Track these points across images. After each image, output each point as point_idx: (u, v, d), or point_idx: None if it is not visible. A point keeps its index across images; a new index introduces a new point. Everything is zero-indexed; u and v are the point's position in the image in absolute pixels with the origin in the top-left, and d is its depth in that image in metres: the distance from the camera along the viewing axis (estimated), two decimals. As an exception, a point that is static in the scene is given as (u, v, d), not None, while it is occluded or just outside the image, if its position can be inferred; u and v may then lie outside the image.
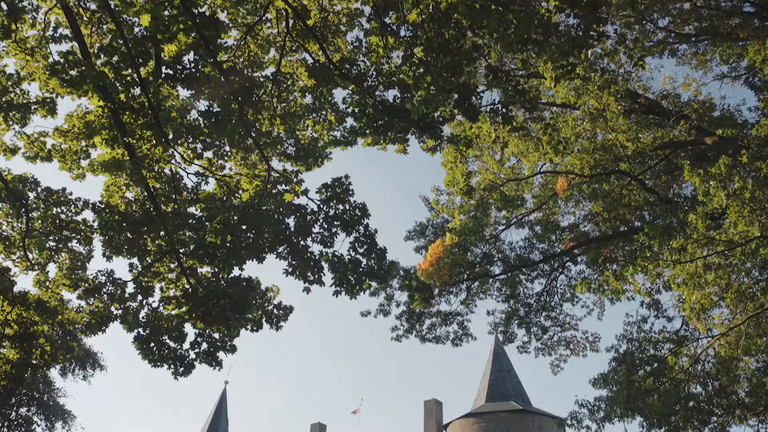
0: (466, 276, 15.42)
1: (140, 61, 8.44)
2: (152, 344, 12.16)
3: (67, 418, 21.01)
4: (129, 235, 11.21)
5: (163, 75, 8.61)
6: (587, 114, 13.37)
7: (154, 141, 9.43)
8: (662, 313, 13.49)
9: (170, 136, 9.41)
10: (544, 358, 18.23)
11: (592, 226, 16.01)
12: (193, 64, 8.31)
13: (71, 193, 12.00)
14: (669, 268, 8.71)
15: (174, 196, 11.47)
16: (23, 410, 20.52)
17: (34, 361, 11.86)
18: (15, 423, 20.19)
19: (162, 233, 10.98)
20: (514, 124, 10.39)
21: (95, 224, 11.08)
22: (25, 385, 19.99)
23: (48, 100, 11.08)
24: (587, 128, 13.25)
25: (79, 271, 12.84)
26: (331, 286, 8.85)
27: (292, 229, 9.68)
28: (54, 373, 21.15)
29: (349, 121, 11.85)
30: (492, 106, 10.30)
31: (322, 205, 8.76)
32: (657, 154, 15.57)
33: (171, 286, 12.11)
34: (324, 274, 8.91)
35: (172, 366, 12.35)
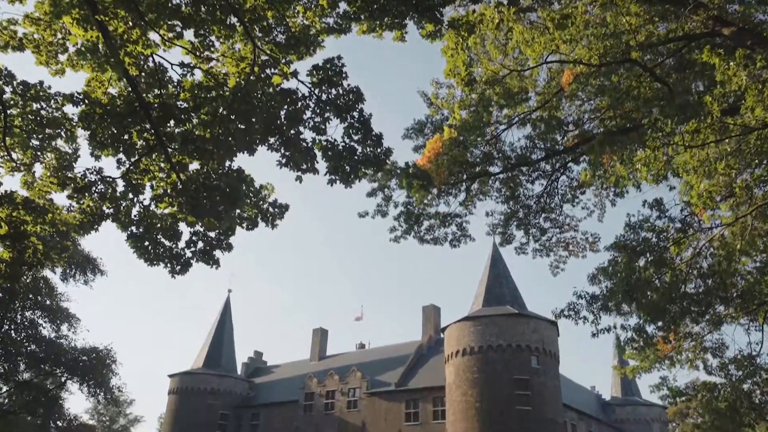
0: (465, 175, 15.05)
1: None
2: (147, 243, 12.04)
3: (71, 320, 21.49)
4: (113, 129, 10.75)
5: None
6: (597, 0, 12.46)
7: (130, 22, 8.72)
8: (665, 213, 13.26)
9: (147, 17, 8.68)
10: (542, 259, 18.17)
11: (598, 124, 15.44)
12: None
13: (50, 87, 11.37)
14: (679, 154, 8.28)
15: (160, 91, 10.90)
16: (28, 314, 21.02)
17: (27, 260, 11.74)
18: (21, 326, 20.73)
19: (148, 126, 10.53)
20: (521, 4, 9.59)
21: (76, 118, 10.57)
22: (26, 288, 20.30)
23: (13, -18, 10.18)
24: (597, 14, 12.38)
25: (67, 171, 12.48)
26: (325, 174, 8.51)
27: (284, 119, 9.20)
28: (56, 279, 21.47)
29: (343, 6, 11.03)
30: (496, -17, 9.49)
31: (313, 89, 8.20)
32: (669, 49, 14.73)
33: (162, 184, 11.81)
34: (317, 162, 8.54)
35: (168, 264, 12.30)
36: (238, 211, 12.15)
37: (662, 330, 12.62)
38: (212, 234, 12.40)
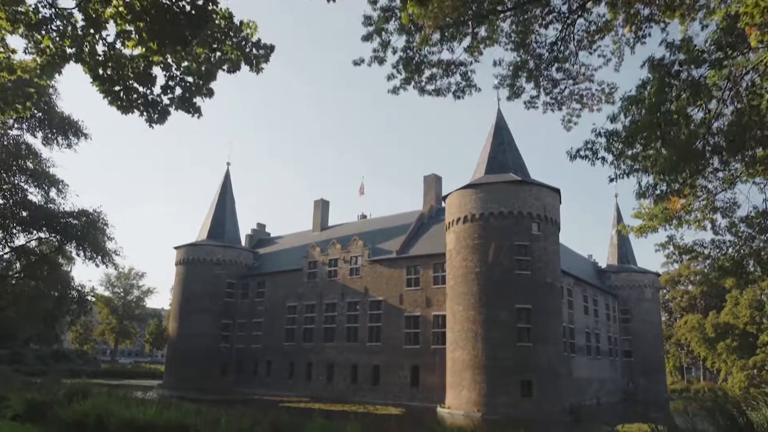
0: (472, 11, 13.39)
1: None
2: (118, 88, 10.95)
3: (59, 185, 20.81)
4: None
5: None
6: None
7: None
8: (694, 50, 11.77)
9: None
10: (552, 113, 16.91)
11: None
12: None
13: None
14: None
15: None
16: (14, 179, 20.28)
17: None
18: (9, 192, 20.12)
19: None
20: None
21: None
22: (8, 153, 19.42)
23: None
24: None
25: (17, 6, 11.04)
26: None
27: None
28: (38, 144, 20.48)
29: None
30: None
31: None
32: None
33: (125, 16, 10.45)
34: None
35: (144, 113, 11.30)
36: (218, 54, 11.01)
37: (679, 182, 11.74)
38: (190, 79, 11.34)
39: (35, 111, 19.05)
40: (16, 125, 18.54)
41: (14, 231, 20.30)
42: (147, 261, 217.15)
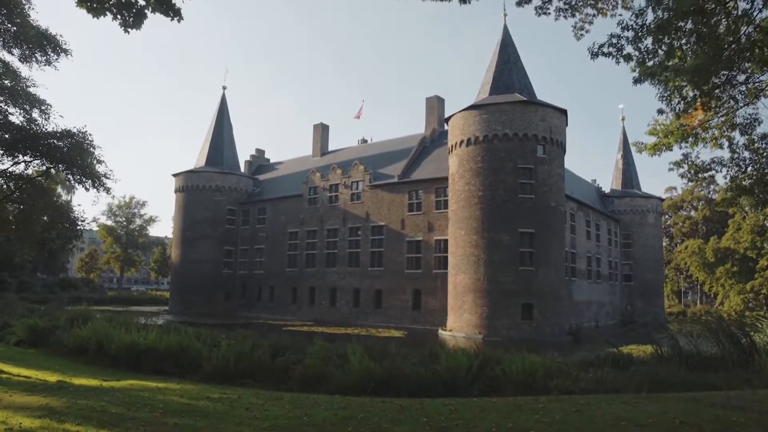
0: None
1: None
2: (85, -13, 9.81)
3: (42, 106, 19.76)
4: None
5: None
6: None
7: None
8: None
9: None
10: (565, 20, 15.57)
11: None
12: None
13: None
14: None
15: None
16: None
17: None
18: (-11, 113, 19.16)
19: None
20: None
21: None
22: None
23: None
24: None
25: None
26: None
27: None
28: (16, 62, 19.23)
29: None
30: None
31: None
32: None
33: None
34: None
35: (118, 15, 10.20)
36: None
37: (706, 90, 10.77)
38: (167, -23, 10.11)
39: (8, 24, 17.80)
40: (-12, 40, 17.34)
41: (-3, 154, 19.54)
42: (148, 191, 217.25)
